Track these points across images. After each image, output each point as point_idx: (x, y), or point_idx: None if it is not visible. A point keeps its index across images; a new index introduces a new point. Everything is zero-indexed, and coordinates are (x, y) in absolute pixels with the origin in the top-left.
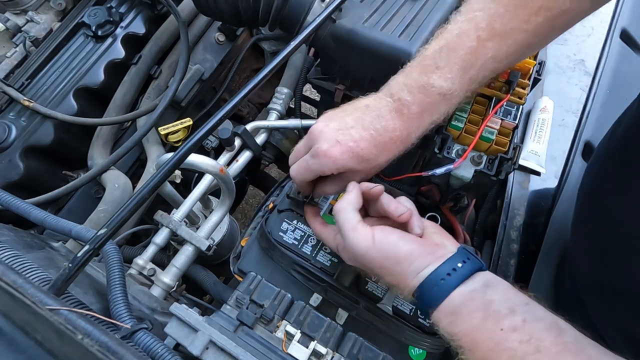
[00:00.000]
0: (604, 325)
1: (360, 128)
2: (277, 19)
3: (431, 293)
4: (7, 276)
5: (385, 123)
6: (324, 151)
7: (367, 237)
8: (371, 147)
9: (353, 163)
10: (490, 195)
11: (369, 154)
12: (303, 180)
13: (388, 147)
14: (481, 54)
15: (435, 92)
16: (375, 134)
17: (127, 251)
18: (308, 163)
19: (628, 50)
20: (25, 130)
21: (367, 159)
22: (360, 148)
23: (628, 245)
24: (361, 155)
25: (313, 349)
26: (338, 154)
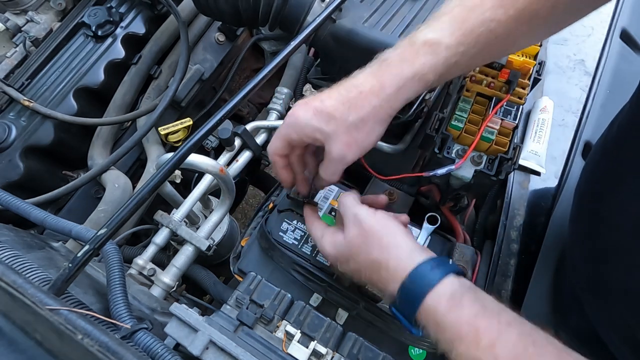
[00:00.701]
0: (602, 325)
1: (331, 91)
2: (277, 19)
3: (429, 275)
4: (7, 276)
5: (356, 80)
6: (290, 113)
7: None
8: (337, 104)
9: (318, 122)
10: (490, 195)
11: (334, 111)
12: (274, 152)
13: (356, 102)
14: (477, 11)
15: (420, 40)
16: (344, 92)
17: (127, 251)
18: (278, 129)
19: (628, 50)
20: (25, 130)
21: (334, 117)
22: (325, 105)
23: (622, 243)
24: (327, 112)
25: (313, 349)
26: (302, 112)
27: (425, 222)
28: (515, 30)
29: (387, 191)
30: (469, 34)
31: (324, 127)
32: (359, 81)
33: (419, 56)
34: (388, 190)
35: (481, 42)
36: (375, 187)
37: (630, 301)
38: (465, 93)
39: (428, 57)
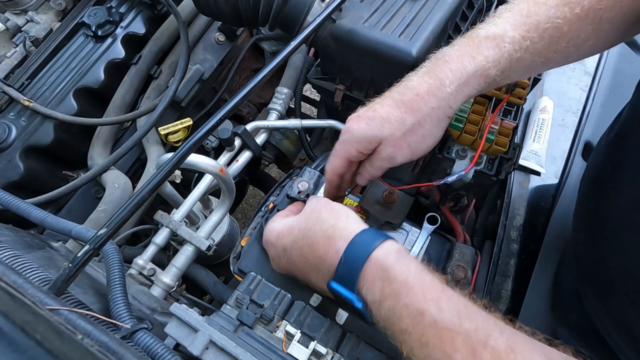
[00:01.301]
0: (600, 319)
1: (384, 98)
2: (277, 19)
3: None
4: (7, 276)
5: (410, 83)
6: (345, 129)
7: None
8: (392, 109)
9: (373, 129)
10: (490, 195)
11: (389, 115)
12: (333, 171)
13: (413, 105)
14: (542, 8)
15: (482, 36)
16: (398, 96)
17: (127, 251)
18: (335, 148)
19: (628, 50)
20: (25, 130)
21: (389, 121)
22: (378, 113)
23: (622, 227)
24: (380, 117)
25: (313, 349)
26: (356, 124)
27: (425, 222)
28: (582, 31)
29: (386, 191)
30: (534, 29)
31: (378, 132)
32: (414, 83)
33: (480, 50)
34: (388, 190)
35: (546, 38)
36: (375, 187)
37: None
38: None
39: (491, 51)
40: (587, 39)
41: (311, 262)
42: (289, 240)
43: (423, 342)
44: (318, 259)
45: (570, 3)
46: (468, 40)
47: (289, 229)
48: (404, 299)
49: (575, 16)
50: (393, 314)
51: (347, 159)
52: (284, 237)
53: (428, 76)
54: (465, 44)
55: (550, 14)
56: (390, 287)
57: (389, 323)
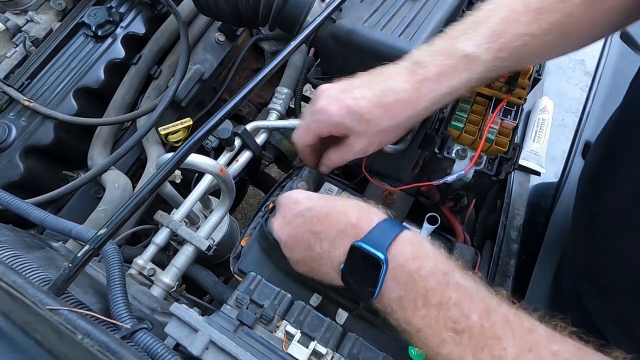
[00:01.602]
0: (600, 317)
1: (365, 88)
2: (277, 19)
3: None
4: (7, 276)
5: (393, 84)
6: (321, 107)
7: None
8: (372, 107)
9: (351, 121)
10: (490, 195)
11: (368, 114)
12: (304, 144)
13: (392, 109)
14: (513, 26)
15: (459, 54)
16: (380, 94)
17: (127, 251)
18: (307, 122)
19: (628, 50)
20: (25, 130)
21: (367, 119)
22: (359, 106)
23: (618, 222)
24: (360, 113)
25: (313, 349)
26: (335, 109)
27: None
28: (549, 44)
29: (387, 191)
30: (504, 48)
31: (355, 127)
32: (396, 85)
33: (457, 71)
34: (388, 190)
35: (514, 56)
36: (375, 188)
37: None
38: None
39: (465, 73)
40: (554, 49)
41: (334, 226)
42: (319, 202)
43: (443, 301)
44: (347, 224)
45: (539, 20)
46: (448, 55)
47: (319, 196)
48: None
49: (543, 32)
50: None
51: (318, 135)
52: (314, 199)
53: (409, 84)
54: (445, 60)
55: (520, 32)
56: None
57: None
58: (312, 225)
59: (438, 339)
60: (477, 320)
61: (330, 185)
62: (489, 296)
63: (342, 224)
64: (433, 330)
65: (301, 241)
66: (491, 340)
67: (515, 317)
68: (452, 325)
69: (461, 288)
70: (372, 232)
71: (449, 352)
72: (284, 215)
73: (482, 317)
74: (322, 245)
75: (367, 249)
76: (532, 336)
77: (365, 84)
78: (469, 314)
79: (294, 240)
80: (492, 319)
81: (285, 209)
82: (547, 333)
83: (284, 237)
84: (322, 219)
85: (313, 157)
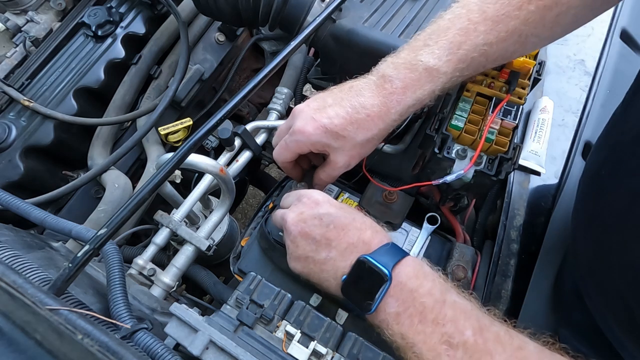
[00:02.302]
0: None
1: (338, 106)
2: (277, 19)
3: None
4: (7, 276)
5: (363, 100)
6: (299, 128)
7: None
8: (346, 124)
9: (328, 139)
10: (490, 195)
11: (343, 131)
12: (284, 161)
13: (364, 124)
14: (472, 36)
15: (421, 67)
16: (352, 111)
17: (127, 251)
18: (286, 141)
19: (628, 50)
20: (25, 130)
21: (343, 136)
22: (334, 124)
23: (621, 220)
24: (335, 131)
25: (313, 349)
26: (312, 129)
27: (425, 222)
28: (508, 49)
29: (387, 191)
30: (464, 59)
31: (333, 143)
32: (366, 102)
33: (420, 84)
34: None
35: (474, 65)
36: (375, 188)
37: (627, 277)
38: (465, 93)
39: (427, 86)
40: (514, 53)
41: (347, 239)
42: (339, 212)
43: (439, 317)
44: (359, 240)
45: (496, 29)
46: (411, 69)
47: (340, 205)
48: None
49: (500, 39)
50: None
51: (297, 153)
52: (335, 207)
53: (378, 100)
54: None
55: (479, 42)
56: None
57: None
58: (328, 231)
59: (433, 354)
60: (470, 336)
61: (330, 185)
62: (483, 315)
63: (355, 239)
64: (427, 345)
65: (311, 241)
66: (483, 355)
67: (506, 334)
68: (447, 340)
69: (457, 306)
70: (380, 250)
71: None
72: (302, 211)
73: (476, 334)
74: (330, 252)
75: (374, 264)
76: (522, 352)
77: (337, 102)
78: (463, 330)
79: (304, 238)
80: (485, 335)
81: (304, 206)
82: (537, 350)
83: (295, 232)
84: (338, 229)
85: (296, 170)
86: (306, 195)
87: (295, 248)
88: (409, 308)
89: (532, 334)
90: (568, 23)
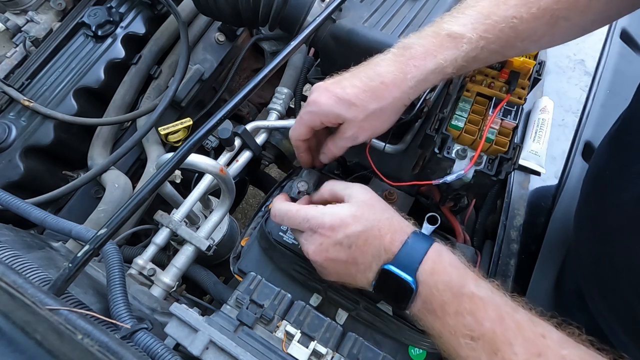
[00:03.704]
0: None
1: (353, 78)
2: (277, 19)
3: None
4: (7, 276)
5: (379, 69)
6: (312, 99)
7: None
8: (359, 92)
9: (339, 109)
10: (490, 195)
11: (355, 99)
12: (298, 137)
13: (379, 92)
14: (502, 8)
15: (444, 33)
16: (366, 80)
17: (127, 251)
18: (300, 115)
19: (628, 50)
20: (25, 130)
21: (355, 104)
22: (346, 93)
23: (627, 222)
24: (348, 99)
25: (313, 349)
26: (324, 99)
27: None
28: (537, 29)
29: (387, 191)
30: (491, 29)
31: (345, 113)
32: (382, 69)
33: (442, 49)
34: (388, 190)
35: (502, 39)
36: (375, 187)
37: (632, 280)
38: (465, 93)
39: (449, 52)
40: (543, 35)
41: (370, 252)
42: (356, 229)
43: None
44: (380, 248)
45: (528, 3)
46: (433, 35)
47: (353, 217)
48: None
49: (531, 16)
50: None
51: (311, 127)
52: (350, 226)
53: (394, 66)
54: (430, 40)
55: (508, 14)
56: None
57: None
58: (351, 253)
59: (456, 344)
60: (489, 327)
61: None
62: (504, 303)
63: (376, 249)
64: (452, 337)
65: (338, 263)
66: (503, 345)
67: (528, 322)
68: (468, 333)
69: (475, 298)
70: (401, 254)
71: (466, 356)
72: (321, 242)
73: (495, 324)
74: (358, 268)
75: (397, 273)
76: (543, 341)
77: (353, 75)
78: (482, 321)
79: (331, 264)
80: (505, 324)
81: (320, 237)
82: (560, 339)
83: (320, 260)
84: (360, 246)
85: (308, 154)
86: (317, 225)
87: (324, 271)
88: (432, 303)
89: (558, 323)
90: (600, 11)
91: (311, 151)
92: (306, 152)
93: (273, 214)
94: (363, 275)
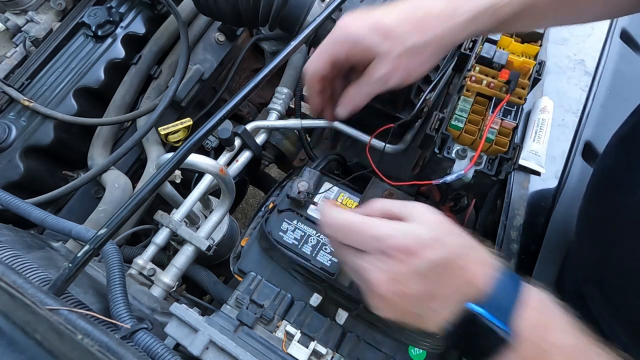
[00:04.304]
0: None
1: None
2: (277, 19)
3: (512, 280)
4: (7, 276)
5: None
6: (343, 23)
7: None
8: (399, 20)
9: (372, 38)
10: (490, 195)
11: (395, 27)
12: (314, 71)
13: (423, 23)
14: None
15: None
16: (409, 9)
17: (127, 251)
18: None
19: (628, 50)
20: (25, 130)
21: (392, 35)
22: (383, 21)
23: (633, 227)
24: (385, 27)
25: (313, 349)
26: (358, 24)
27: None
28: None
29: (387, 191)
30: None
31: (379, 44)
32: (427, 2)
33: None
34: (388, 190)
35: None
36: (375, 187)
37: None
38: (465, 93)
39: None
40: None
41: (452, 285)
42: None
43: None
44: (465, 282)
45: None
46: None
47: (434, 240)
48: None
49: None
50: (545, 350)
51: (332, 61)
52: (432, 250)
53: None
54: None
55: None
56: (548, 313)
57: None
58: (430, 284)
59: None
60: None
61: (330, 184)
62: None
63: (459, 282)
64: None
65: (409, 299)
66: None
67: None
68: None
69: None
70: (492, 294)
71: None
72: (393, 270)
73: None
74: (433, 305)
75: (490, 320)
76: None
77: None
78: None
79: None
80: None
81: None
82: None
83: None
84: (440, 274)
85: (320, 97)
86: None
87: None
88: None
89: None
90: None
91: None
92: (319, 95)
93: (327, 223)
94: (436, 315)
